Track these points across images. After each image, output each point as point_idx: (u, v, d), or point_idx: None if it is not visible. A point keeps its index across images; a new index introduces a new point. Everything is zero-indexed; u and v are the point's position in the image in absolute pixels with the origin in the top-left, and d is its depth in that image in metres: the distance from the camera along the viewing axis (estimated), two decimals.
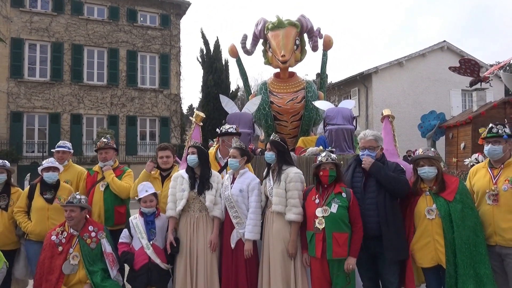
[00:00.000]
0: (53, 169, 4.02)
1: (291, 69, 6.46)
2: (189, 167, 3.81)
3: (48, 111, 17.39)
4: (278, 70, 6.46)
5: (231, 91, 21.12)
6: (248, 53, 6.68)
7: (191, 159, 3.77)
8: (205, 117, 5.31)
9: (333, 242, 3.20)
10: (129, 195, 4.25)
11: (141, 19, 19.53)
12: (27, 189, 4.12)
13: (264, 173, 3.81)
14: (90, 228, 3.70)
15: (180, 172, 3.90)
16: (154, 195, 3.80)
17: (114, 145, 4.54)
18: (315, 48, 6.55)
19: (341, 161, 3.55)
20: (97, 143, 4.56)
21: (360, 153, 3.53)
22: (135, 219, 3.77)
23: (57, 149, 4.55)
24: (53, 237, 3.60)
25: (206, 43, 20.92)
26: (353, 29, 66.17)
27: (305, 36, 6.48)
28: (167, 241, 3.66)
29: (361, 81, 20.19)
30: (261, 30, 6.35)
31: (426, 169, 3.29)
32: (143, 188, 3.82)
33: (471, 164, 10.47)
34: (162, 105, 19.52)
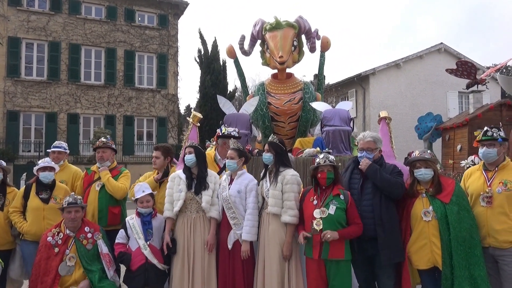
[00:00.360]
0: (49, 169, 3.99)
1: (288, 70, 6.46)
2: (186, 167, 3.80)
3: (45, 111, 17.33)
4: (275, 71, 6.46)
5: (228, 92, 21.10)
6: (246, 54, 6.68)
7: (189, 159, 3.76)
8: (202, 117, 5.30)
9: (330, 243, 3.22)
10: (124, 195, 4.25)
11: (139, 19, 19.50)
12: (23, 189, 4.10)
13: (261, 174, 3.81)
14: (86, 229, 3.67)
15: (177, 172, 3.89)
16: (150, 195, 3.79)
17: (113, 145, 4.54)
18: (312, 49, 6.55)
19: (339, 162, 3.56)
20: (96, 142, 4.55)
21: (358, 154, 3.56)
22: (132, 220, 3.76)
23: (52, 150, 4.54)
24: (49, 238, 3.57)
25: (204, 43, 20.90)
26: (350, 31, 66.36)
27: (303, 37, 6.48)
28: (164, 242, 3.65)
29: (359, 83, 20.22)
30: (259, 31, 6.35)
31: (422, 171, 3.30)
32: (140, 188, 3.81)
33: (468, 166, 10.54)
34: (159, 105, 19.49)
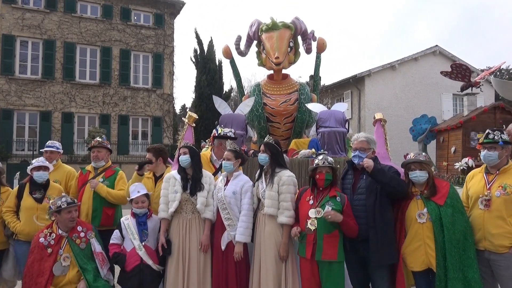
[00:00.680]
0: (44, 168, 3.97)
1: (284, 71, 6.46)
2: (181, 167, 3.79)
3: (39, 109, 17.20)
4: (271, 71, 6.46)
5: (224, 92, 21.09)
6: (242, 54, 6.67)
7: (184, 159, 3.74)
8: (197, 118, 5.29)
9: (324, 244, 3.22)
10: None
11: (135, 18, 19.41)
12: (16, 188, 4.08)
13: (256, 175, 3.81)
14: (78, 228, 3.65)
15: (172, 173, 3.87)
16: (146, 196, 3.78)
17: (108, 145, 4.52)
18: (308, 50, 6.56)
19: (337, 164, 3.58)
20: (90, 142, 4.52)
21: (352, 154, 3.58)
22: (127, 220, 3.74)
23: (45, 149, 4.51)
24: (41, 239, 3.53)
25: (200, 43, 20.88)
26: (346, 32, 66.56)
27: (299, 38, 6.49)
28: (159, 243, 3.63)
29: (354, 84, 20.30)
30: (255, 31, 6.35)
31: (417, 173, 3.31)
32: (135, 189, 3.80)
33: (462, 168, 10.63)
34: (154, 104, 19.42)
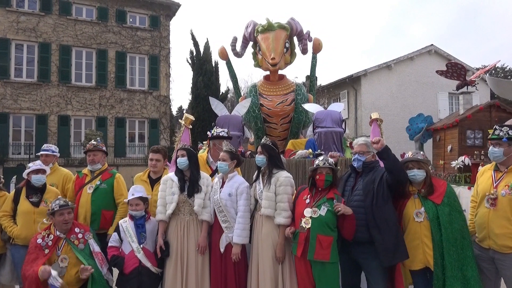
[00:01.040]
0: (42, 171, 3.96)
1: (280, 72, 6.46)
2: (178, 169, 3.78)
3: (35, 112, 17.13)
4: (267, 72, 6.46)
5: (221, 93, 21.08)
6: (238, 55, 6.67)
7: (181, 161, 3.74)
8: (194, 119, 5.29)
9: (317, 244, 3.22)
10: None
11: (131, 20, 19.38)
12: (13, 192, 4.06)
13: (254, 176, 3.81)
14: (76, 230, 3.65)
15: (169, 175, 3.87)
16: (140, 198, 3.76)
17: (103, 148, 4.50)
18: (304, 51, 6.56)
19: (338, 166, 3.61)
20: (86, 145, 4.51)
21: (352, 157, 3.61)
22: (125, 223, 3.74)
23: (41, 153, 4.49)
24: (39, 240, 3.53)
25: (196, 44, 20.87)
26: (342, 32, 66.72)
27: (295, 39, 6.50)
28: (157, 245, 3.63)
29: (350, 84, 20.34)
30: (251, 32, 6.35)
31: (415, 172, 3.32)
32: (131, 191, 3.80)
33: (458, 166, 10.65)
34: (151, 106, 19.39)
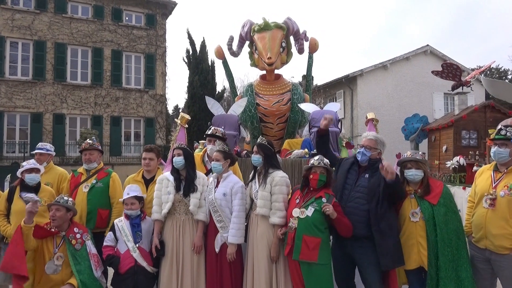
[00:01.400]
0: (35, 170, 3.93)
1: (277, 71, 6.46)
2: (174, 169, 3.78)
3: (30, 111, 17.03)
4: (264, 72, 6.47)
5: (217, 92, 21.09)
6: (234, 54, 6.67)
7: (177, 161, 3.73)
8: (190, 119, 5.28)
9: (302, 244, 3.21)
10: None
11: (126, 18, 19.29)
12: (7, 191, 4.03)
13: (250, 176, 3.80)
14: (75, 229, 3.65)
15: (165, 174, 3.86)
16: (136, 198, 3.74)
17: (99, 147, 4.48)
18: (301, 50, 6.57)
19: (333, 167, 3.56)
20: (81, 144, 4.48)
21: (358, 150, 3.54)
22: (121, 222, 3.73)
23: (36, 151, 4.47)
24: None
25: (192, 43, 20.84)
26: (338, 32, 66.86)
27: (291, 38, 6.50)
28: (152, 244, 3.62)
29: (346, 84, 20.38)
30: (247, 32, 6.35)
31: (413, 172, 3.32)
32: (126, 190, 3.80)
33: (453, 166, 10.70)
34: (147, 105, 19.32)
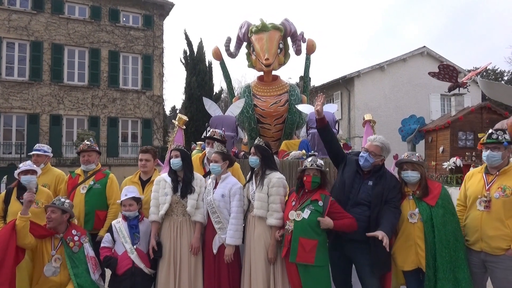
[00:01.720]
0: (31, 172, 3.91)
1: (274, 73, 6.48)
2: (171, 170, 3.77)
3: (26, 112, 16.97)
4: (261, 73, 6.48)
5: (214, 93, 21.06)
6: (231, 56, 6.67)
7: (175, 162, 3.73)
8: (187, 120, 5.28)
9: (299, 246, 3.20)
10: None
11: (124, 19, 19.26)
12: (3, 193, 4.01)
13: (247, 177, 3.80)
14: (73, 232, 3.64)
15: (162, 175, 3.85)
16: (134, 199, 3.74)
17: (97, 148, 4.47)
18: (298, 52, 6.58)
19: (326, 167, 3.53)
20: (79, 145, 4.47)
21: (361, 153, 3.48)
22: (118, 223, 3.71)
23: (32, 153, 4.45)
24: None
25: (189, 44, 20.82)
26: (336, 33, 67.00)
27: (289, 39, 6.52)
28: (150, 245, 3.61)
29: (344, 85, 20.44)
30: (245, 33, 6.36)
31: (409, 173, 3.33)
32: (124, 192, 3.78)
33: (450, 167, 10.77)
34: (144, 106, 19.29)
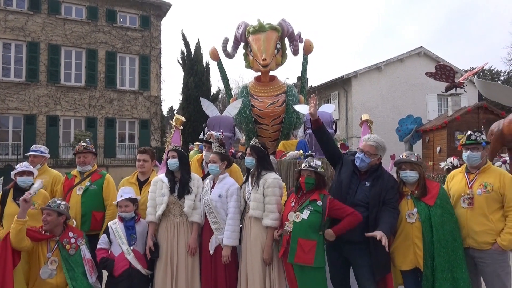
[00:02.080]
0: (27, 173, 3.89)
1: (272, 73, 6.49)
2: (169, 170, 3.77)
3: (23, 113, 16.91)
4: (259, 73, 6.48)
5: (212, 94, 21.07)
6: (229, 56, 6.68)
7: (172, 163, 3.72)
8: (185, 121, 5.27)
9: (298, 247, 3.20)
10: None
11: (121, 20, 19.22)
12: (0, 194, 3.99)
13: (244, 178, 3.80)
14: (70, 234, 3.61)
15: (159, 176, 3.85)
16: (130, 200, 3.72)
17: (93, 149, 4.45)
18: (295, 52, 6.60)
19: (323, 168, 3.51)
20: (75, 146, 4.45)
21: (357, 154, 3.44)
22: (115, 224, 3.70)
23: (29, 154, 4.43)
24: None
25: (187, 45, 20.82)
26: (333, 34, 67.08)
27: (286, 40, 6.53)
28: (147, 246, 3.60)
29: (341, 85, 20.46)
30: (242, 33, 6.36)
31: (407, 173, 3.35)
32: (120, 193, 3.77)
33: (447, 167, 10.78)
34: (141, 107, 19.25)
